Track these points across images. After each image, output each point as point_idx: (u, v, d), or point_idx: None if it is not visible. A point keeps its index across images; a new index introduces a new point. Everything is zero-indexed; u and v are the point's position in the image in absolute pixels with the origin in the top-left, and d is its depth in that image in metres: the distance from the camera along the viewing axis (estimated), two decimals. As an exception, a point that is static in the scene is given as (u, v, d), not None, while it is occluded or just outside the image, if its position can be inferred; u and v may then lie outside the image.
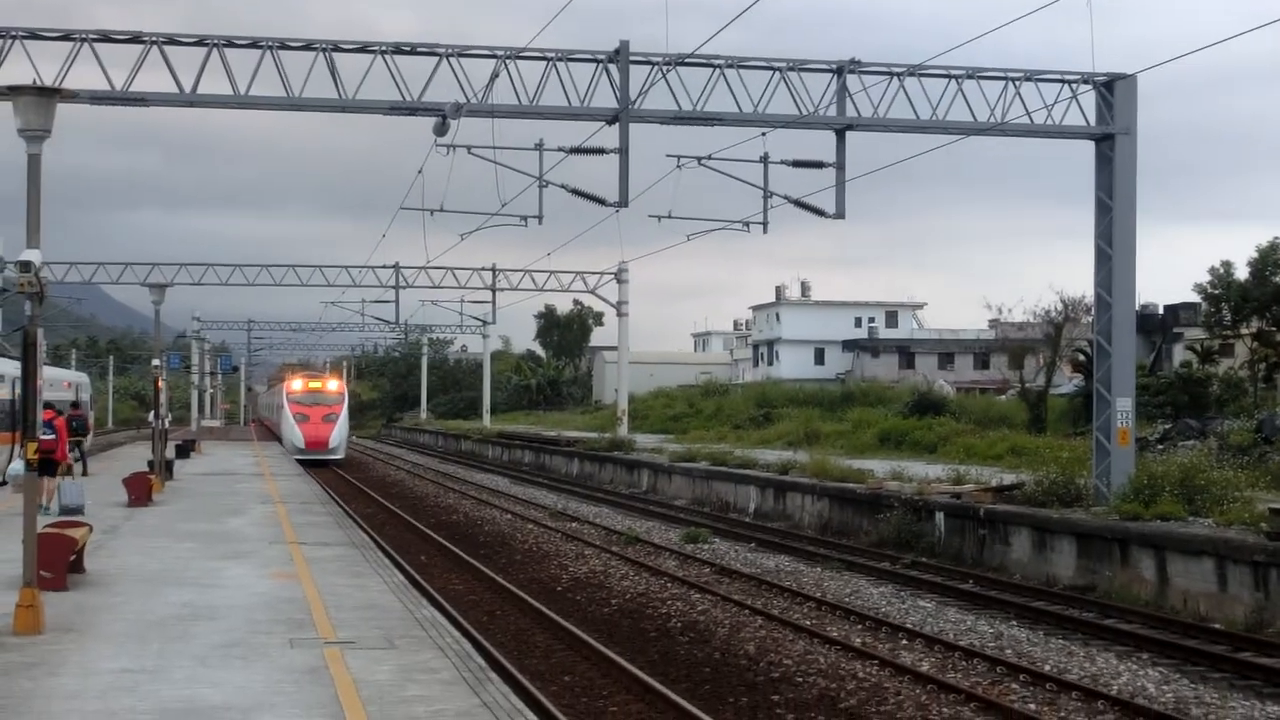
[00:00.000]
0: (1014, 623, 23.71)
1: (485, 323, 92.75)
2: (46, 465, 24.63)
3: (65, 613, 17.38)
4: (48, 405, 30.05)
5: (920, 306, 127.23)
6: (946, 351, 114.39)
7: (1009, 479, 33.47)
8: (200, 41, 28.70)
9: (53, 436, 30.17)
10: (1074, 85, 30.75)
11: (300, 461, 64.45)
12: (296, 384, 77.87)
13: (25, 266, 16.26)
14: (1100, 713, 17.38)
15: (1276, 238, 55.56)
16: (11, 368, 44.99)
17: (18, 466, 21.62)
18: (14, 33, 28.05)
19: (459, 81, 29.24)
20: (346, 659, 14.74)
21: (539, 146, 34.31)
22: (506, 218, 39.67)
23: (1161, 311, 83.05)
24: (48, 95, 16.75)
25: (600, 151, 31.82)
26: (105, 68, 28.18)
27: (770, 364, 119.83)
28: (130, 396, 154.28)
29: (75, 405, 47.98)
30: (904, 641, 21.99)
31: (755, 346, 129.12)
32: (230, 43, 28.80)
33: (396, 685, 13.52)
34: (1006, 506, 30.09)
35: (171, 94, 28.81)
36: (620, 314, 68.53)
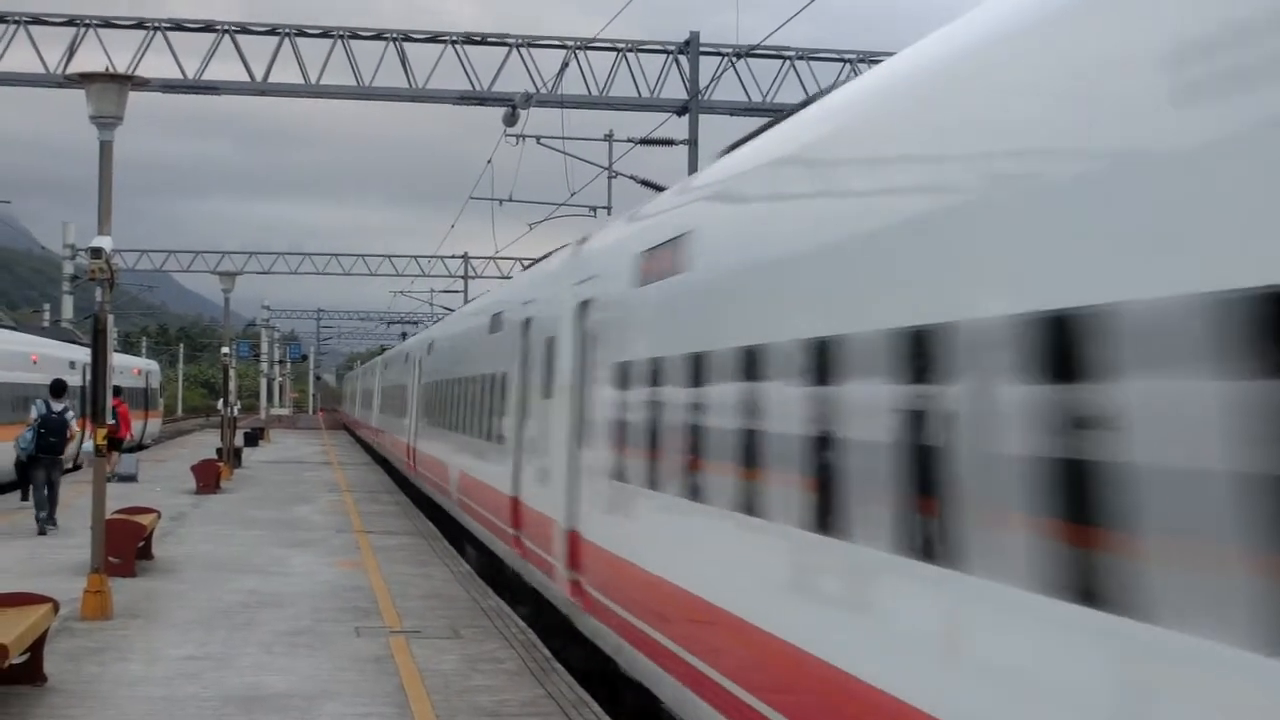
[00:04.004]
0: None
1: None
2: (113, 441, 25.18)
3: (133, 599, 17.43)
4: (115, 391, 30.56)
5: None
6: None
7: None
8: (272, 31, 28.85)
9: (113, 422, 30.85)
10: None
11: None
12: None
13: (96, 253, 16.35)
14: None
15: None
16: (83, 355, 45.44)
17: (90, 448, 21.94)
18: (88, 21, 28.28)
19: (529, 71, 29.31)
20: (412, 648, 14.69)
21: (608, 137, 34.28)
22: (575, 208, 39.69)
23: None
24: (120, 83, 16.78)
25: (670, 143, 31.74)
26: (178, 56, 28.40)
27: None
28: (200, 384, 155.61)
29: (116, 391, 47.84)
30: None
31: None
32: (302, 31, 28.92)
33: (462, 675, 13.45)
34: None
35: (243, 82, 29.00)
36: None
